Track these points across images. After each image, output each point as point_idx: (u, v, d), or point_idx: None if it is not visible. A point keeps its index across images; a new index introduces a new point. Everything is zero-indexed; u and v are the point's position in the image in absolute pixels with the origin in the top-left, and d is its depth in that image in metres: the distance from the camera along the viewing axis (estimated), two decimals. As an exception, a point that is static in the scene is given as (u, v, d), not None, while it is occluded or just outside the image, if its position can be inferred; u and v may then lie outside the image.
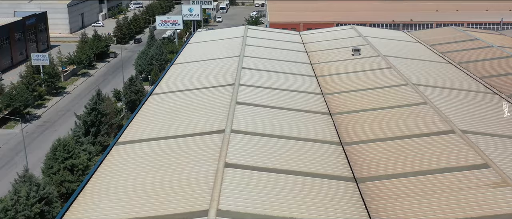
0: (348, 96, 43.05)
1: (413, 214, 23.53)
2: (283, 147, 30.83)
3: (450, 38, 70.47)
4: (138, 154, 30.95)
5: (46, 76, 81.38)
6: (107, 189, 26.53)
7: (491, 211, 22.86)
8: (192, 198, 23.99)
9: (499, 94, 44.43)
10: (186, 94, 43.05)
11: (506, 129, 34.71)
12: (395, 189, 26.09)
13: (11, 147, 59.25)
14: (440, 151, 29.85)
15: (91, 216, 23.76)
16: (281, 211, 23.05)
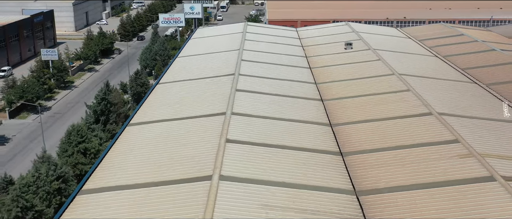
0: (338, 85, 46.38)
1: (389, 179, 26.89)
2: (278, 127, 34.14)
3: (439, 33, 73.77)
4: (148, 133, 34.27)
5: (55, 70, 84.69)
6: (121, 162, 29.85)
7: (455, 176, 26.21)
8: (198, 167, 27.30)
9: (478, 83, 47.74)
10: (190, 83, 46.38)
11: (480, 112, 38.03)
12: (375, 160, 29.46)
13: (25, 136, 62.51)
14: (417, 130, 33.20)
15: (108, 184, 27.05)
16: (275, 177, 26.37)
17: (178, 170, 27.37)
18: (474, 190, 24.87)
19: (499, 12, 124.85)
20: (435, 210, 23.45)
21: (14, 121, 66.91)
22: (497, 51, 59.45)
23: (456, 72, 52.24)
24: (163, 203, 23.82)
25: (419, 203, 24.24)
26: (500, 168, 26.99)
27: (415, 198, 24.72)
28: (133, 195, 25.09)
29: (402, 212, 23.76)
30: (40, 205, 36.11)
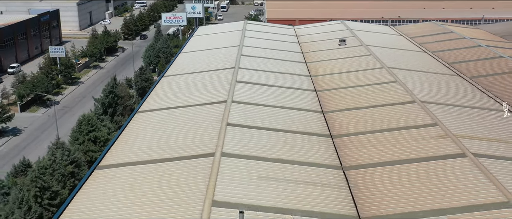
0: (331, 77, 49.38)
1: (372, 157, 29.91)
2: (274, 113, 37.12)
3: (429, 31, 76.75)
4: (156, 119, 37.25)
5: (63, 67, 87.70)
6: (133, 143, 32.83)
7: (431, 153, 29.22)
8: (202, 146, 30.29)
9: (462, 76, 50.72)
10: (194, 75, 49.36)
11: (460, 101, 40.99)
12: (361, 141, 32.47)
13: (36, 127, 65.43)
14: (401, 115, 36.22)
15: (122, 161, 30.03)
16: (269, 154, 29.37)
17: (185, 148, 30.35)
18: (446, 164, 27.86)
19: (490, 12, 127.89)
20: (410, 180, 26.47)
21: (25, 114, 69.91)
22: (483, 47, 62.46)
23: (442, 66, 55.22)
24: (173, 174, 26.82)
25: (396, 175, 27.26)
26: (472, 146, 29.97)
27: (393, 171, 27.73)
28: (145, 169, 28.09)
29: (381, 182, 26.76)
30: (56, 186, 39.13)
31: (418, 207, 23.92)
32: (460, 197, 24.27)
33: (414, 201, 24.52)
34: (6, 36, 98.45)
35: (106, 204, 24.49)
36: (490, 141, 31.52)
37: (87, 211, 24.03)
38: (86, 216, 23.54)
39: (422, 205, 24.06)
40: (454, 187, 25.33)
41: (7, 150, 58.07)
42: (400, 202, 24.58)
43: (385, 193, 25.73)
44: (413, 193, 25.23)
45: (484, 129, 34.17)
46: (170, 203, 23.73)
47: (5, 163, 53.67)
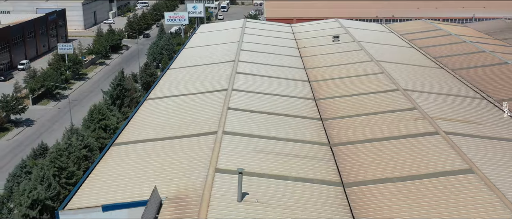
0: (324, 69, 52.93)
1: (357, 135, 33.50)
2: (270, 100, 40.66)
3: (419, 29, 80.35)
4: (163, 105, 40.81)
5: (71, 63, 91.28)
6: (144, 124, 36.35)
7: (407, 132, 32.81)
8: (205, 126, 33.84)
9: (445, 68, 54.32)
10: (197, 68, 52.92)
11: (440, 90, 44.55)
12: (348, 123, 36.03)
13: (48, 119, 68.91)
14: (385, 101, 39.79)
15: (136, 138, 33.57)
16: (266, 133, 32.92)
17: (191, 128, 33.93)
18: (421, 140, 31.45)
19: (482, 11, 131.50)
20: (388, 153, 30.06)
21: (36, 107, 73.45)
22: (467, 43, 66.06)
23: (427, 60, 58.80)
24: (182, 148, 30.42)
25: (376, 149, 30.84)
26: (445, 126, 33.54)
27: (374, 146, 31.32)
28: (157, 144, 31.67)
29: (362, 155, 30.36)
30: (72, 167, 42.64)
31: (392, 174, 27.52)
32: (430, 166, 27.87)
33: (390, 169, 28.11)
34: (16, 34, 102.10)
35: (125, 170, 28.11)
36: (461, 122, 35.12)
37: (110, 173, 27.67)
38: (109, 176, 27.20)
39: (397, 172, 27.66)
40: (425, 158, 28.92)
41: (22, 139, 61.71)
42: (377, 170, 28.18)
43: (365, 164, 29.32)
44: (390, 163, 28.83)
45: (458, 112, 37.77)
46: (181, 169, 27.34)
47: (20, 150, 57.30)
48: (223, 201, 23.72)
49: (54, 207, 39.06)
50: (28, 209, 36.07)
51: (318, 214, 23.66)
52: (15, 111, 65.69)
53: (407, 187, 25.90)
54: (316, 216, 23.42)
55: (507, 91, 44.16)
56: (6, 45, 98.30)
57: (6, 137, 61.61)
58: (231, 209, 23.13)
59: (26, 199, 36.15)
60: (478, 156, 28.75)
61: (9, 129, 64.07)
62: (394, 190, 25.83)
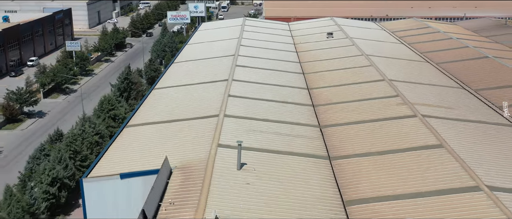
0: (317, 63, 56.50)
1: (342, 118, 37.08)
2: (267, 89, 44.20)
3: (409, 26, 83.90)
4: (170, 93, 44.36)
5: (78, 59, 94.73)
6: (152, 109, 39.91)
7: (389, 115, 36.38)
8: (209, 110, 37.38)
9: (431, 62, 57.88)
10: (199, 62, 56.48)
11: (424, 80, 48.11)
12: (337, 109, 39.57)
13: (58, 111, 72.37)
14: (371, 90, 43.32)
15: (147, 121, 37.12)
16: (262, 116, 36.49)
17: (195, 112, 37.49)
18: (400, 122, 35.01)
19: (473, 10, 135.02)
20: (368, 133, 33.65)
21: (47, 100, 76.93)
22: (454, 39, 69.61)
23: (415, 55, 62.37)
24: (188, 128, 33.98)
25: (360, 130, 34.40)
26: (423, 110, 37.10)
27: (358, 127, 34.88)
28: (164, 126, 35.26)
29: (347, 135, 33.94)
30: (85, 151, 46.11)
31: (373, 149, 31.09)
32: (405, 142, 31.45)
33: (371, 145, 31.68)
34: (25, 32, 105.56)
35: (137, 146, 31.72)
36: (438, 108, 38.71)
37: (125, 149, 31.29)
38: (124, 151, 30.82)
39: (376, 147, 31.23)
40: (403, 136, 32.51)
41: (35, 129, 65.28)
42: (359, 146, 31.76)
43: (349, 141, 32.89)
44: (371, 140, 32.40)
45: (437, 99, 41.34)
46: (187, 145, 30.92)
47: (34, 139, 60.86)
48: (224, 169, 27.30)
49: (71, 186, 42.62)
50: (49, 186, 39.53)
51: (306, 180, 27.23)
52: (28, 103, 69.18)
53: (384, 159, 29.49)
54: (305, 181, 27.00)
55: (483, 82, 47.75)
56: (16, 42, 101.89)
57: (20, 127, 65.19)
58: (231, 176, 26.70)
59: (47, 177, 39.62)
60: (448, 134, 32.33)
61: (22, 120, 67.60)
62: (373, 161, 29.41)
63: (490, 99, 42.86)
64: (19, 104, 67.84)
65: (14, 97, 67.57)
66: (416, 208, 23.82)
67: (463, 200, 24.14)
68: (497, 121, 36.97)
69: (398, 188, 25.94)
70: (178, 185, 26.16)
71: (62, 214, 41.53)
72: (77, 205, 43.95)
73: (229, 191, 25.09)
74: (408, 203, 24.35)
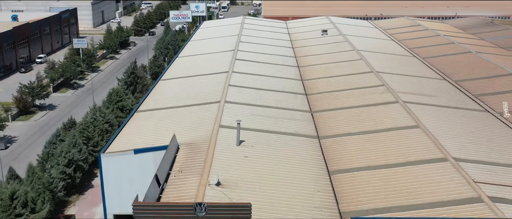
0: (311, 57, 60.03)
1: (331, 104, 40.65)
2: (264, 80, 47.71)
3: (401, 25, 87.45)
4: (176, 83, 47.87)
5: (85, 56, 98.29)
6: (160, 97, 43.43)
7: (373, 101, 39.98)
8: (211, 97, 40.89)
9: (417, 57, 61.40)
10: (202, 56, 59.98)
11: (409, 72, 51.68)
12: (327, 97, 43.14)
13: (67, 104, 75.94)
14: (359, 81, 46.86)
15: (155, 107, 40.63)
16: (259, 103, 40.04)
17: (199, 99, 41.03)
18: (383, 107, 38.55)
19: (464, 10, 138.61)
20: (354, 116, 37.22)
21: (57, 94, 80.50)
22: (441, 36, 73.17)
23: (403, 50, 65.92)
24: (193, 112, 37.55)
25: (346, 114, 37.97)
26: (404, 97, 40.60)
27: (345, 112, 38.44)
28: (170, 111, 38.81)
29: (335, 118, 37.51)
30: (97, 137, 49.64)
31: (356, 129, 34.67)
32: (386, 123, 34.98)
33: (354, 126, 35.22)
34: (33, 30, 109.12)
35: (148, 127, 35.31)
36: (419, 95, 42.28)
37: (137, 130, 34.90)
38: (136, 131, 34.41)
39: (360, 128, 34.78)
40: (384, 118, 36.05)
41: (47, 120, 68.83)
42: (345, 127, 35.31)
43: (336, 123, 36.44)
44: (355, 122, 35.95)
45: (419, 89, 44.93)
46: (192, 126, 34.48)
47: (47, 128, 64.40)
48: (225, 145, 30.87)
49: (84, 168, 46.23)
50: (65, 167, 43.03)
51: (297, 155, 30.79)
52: (40, 96, 72.76)
53: (366, 137, 33.05)
54: (296, 156, 30.57)
55: (463, 74, 51.31)
56: (26, 40, 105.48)
57: (33, 118, 68.76)
58: (231, 150, 30.26)
59: (63, 159, 43.11)
60: (425, 117, 35.90)
61: (35, 112, 71.16)
62: (356, 139, 32.99)
63: (468, 89, 46.40)
64: (31, 97, 71.42)
65: (27, 91, 71.13)
66: (389, 175, 27.40)
67: (431, 169, 27.69)
68: (471, 107, 40.55)
69: (375, 160, 29.51)
70: (185, 157, 29.73)
71: (77, 194, 45.14)
72: (90, 186, 47.55)
73: (229, 162, 28.65)
74: (382, 172, 27.92)
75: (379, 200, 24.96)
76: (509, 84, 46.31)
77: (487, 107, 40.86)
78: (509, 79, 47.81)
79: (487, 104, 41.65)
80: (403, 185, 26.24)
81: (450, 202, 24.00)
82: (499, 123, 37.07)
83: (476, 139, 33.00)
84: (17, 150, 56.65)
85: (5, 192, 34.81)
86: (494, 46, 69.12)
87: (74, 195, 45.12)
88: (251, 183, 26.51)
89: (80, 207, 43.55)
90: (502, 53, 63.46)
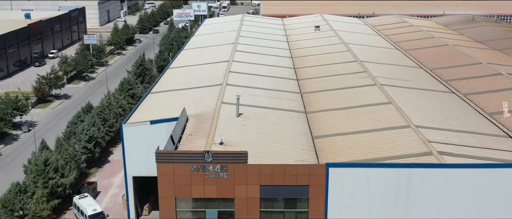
0: (304, 50, 65.50)
1: (318, 87, 46.23)
2: (261, 68, 53.26)
3: (389, 22, 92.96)
4: (183, 71, 53.40)
5: (95, 51, 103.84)
6: (169, 81, 49.00)
7: (354, 84, 45.55)
8: (214, 81, 46.42)
9: (400, 50, 66.96)
10: (205, 48, 65.51)
11: (388, 61, 57.23)
12: (315, 82, 48.71)
13: (81, 94, 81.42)
14: (344, 68, 52.37)
15: (165, 89, 46.19)
16: (257, 86, 45.60)
17: (203, 82, 46.60)
18: (363, 89, 44.12)
19: (453, 9, 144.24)
20: (336, 96, 42.79)
21: (70, 85, 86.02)
22: (423, 31, 78.71)
23: (388, 44, 71.50)
24: (197, 93, 43.12)
25: (331, 94, 43.56)
26: (382, 81, 46.14)
27: (330, 93, 44.01)
28: (179, 92, 44.37)
29: (321, 98, 43.03)
30: (112, 119, 55.28)
31: (336, 106, 40.24)
32: (364, 101, 40.53)
33: (337, 104, 40.78)
34: (46, 28, 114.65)
35: (161, 104, 40.87)
36: (395, 80, 47.83)
37: (151, 106, 40.49)
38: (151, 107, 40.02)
39: (342, 105, 40.36)
40: (362, 97, 41.63)
41: (63, 108, 74.18)
42: (328, 104, 40.86)
43: (321, 102, 41.98)
44: (338, 101, 41.44)
45: (396, 75, 50.46)
46: (198, 102, 40.05)
47: (64, 115, 69.75)
48: (226, 116, 36.43)
49: (102, 145, 51.79)
50: (86, 143, 48.51)
51: (288, 124, 36.36)
52: (56, 86, 78.25)
53: (345, 112, 38.61)
54: (287, 124, 36.14)
55: (438, 63, 56.81)
56: (39, 37, 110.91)
57: (51, 106, 74.12)
58: (232, 120, 35.83)
59: (84, 136, 48.56)
60: (397, 96, 41.43)
61: (51, 101, 76.63)
62: (337, 113, 38.52)
63: (440, 75, 51.92)
64: (49, 87, 76.87)
65: (45, 81, 76.61)
66: (361, 139, 32.98)
67: (396, 133, 33.26)
68: (439, 89, 46.13)
69: (351, 128, 35.08)
70: (193, 126, 35.30)
71: (96, 167, 50.66)
72: (107, 161, 52.96)
73: (230, 128, 34.19)
74: (356, 136, 33.48)
75: (351, 155, 30.54)
76: (477, 72, 51.81)
77: (454, 89, 46.45)
78: (477, 68, 53.36)
79: (455, 88, 47.20)
80: (371, 145, 31.82)
81: (407, 155, 29.59)
82: (461, 101, 42.68)
83: (438, 112, 38.54)
84: (39, 133, 62.02)
85: (39, 159, 40.39)
86: (471, 40, 74.64)
87: (93, 168, 50.59)
88: (248, 142, 32.04)
89: (100, 177, 49.02)
90: (477, 47, 69.01)
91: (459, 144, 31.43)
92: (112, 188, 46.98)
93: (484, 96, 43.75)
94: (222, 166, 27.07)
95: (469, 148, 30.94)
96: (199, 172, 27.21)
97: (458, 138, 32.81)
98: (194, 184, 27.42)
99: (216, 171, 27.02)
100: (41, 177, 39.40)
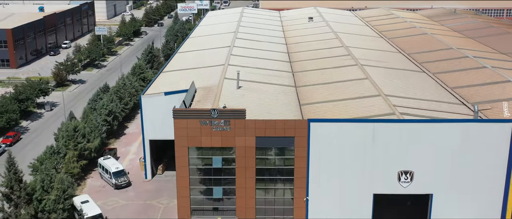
0: (298, 38, 71.79)
1: (307, 67, 52.57)
2: (259, 52, 59.62)
3: (377, 14, 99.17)
4: (190, 55, 59.75)
5: (105, 41, 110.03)
6: (178, 62, 55.32)
7: (338, 65, 51.88)
8: (217, 61, 52.84)
9: (384, 38, 73.25)
10: (209, 36, 71.82)
11: (372, 47, 63.56)
12: (306, 63, 55.06)
13: (94, 80, 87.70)
14: (332, 52, 58.61)
15: (176, 68, 52.51)
16: (255, 66, 51.93)
17: (208, 63, 52.99)
18: (345, 68, 50.50)
19: (442, 3, 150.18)
20: (324, 74, 49.18)
21: (84, 72, 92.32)
22: (407, 22, 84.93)
23: (373, 33, 77.73)
24: (203, 71, 49.51)
25: (318, 73, 49.88)
26: (363, 62, 52.45)
27: (317, 72, 50.38)
28: (188, 70, 50.76)
29: (309, 76, 49.39)
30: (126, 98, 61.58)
31: (321, 81, 46.65)
32: (345, 77, 46.95)
33: (323, 79, 47.17)
34: (60, 20, 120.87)
35: (172, 79, 47.25)
36: (375, 61, 54.15)
37: (164, 81, 46.89)
38: (164, 82, 46.41)
39: (327, 80, 46.75)
40: (344, 74, 48.04)
41: (79, 91, 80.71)
42: (315, 80, 47.28)
43: (309, 78, 48.35)
44: (323, 77, 47.88)
45: (377, 57, 56.79)
46: (204, 78, 46.45)
47: (81, 97, 76.24)
48: (228, 89, 42.81)
49: (119, 118, 58.35)
50: (106, 116, 54.82)
51: (280, 95, 42.76)
52: (73, 72, 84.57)
53: (329, 86, 44.98)
54: (278, 94, 42.54)
55: (415, 49, 63.10)
56: (53, 28, 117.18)
57: (68, 90, 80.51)
58: (233, 91, 42.23)
59: (105, 110, 54.90)
60: (374, 73, 47.75)
61: (69, 85, 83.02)
62: (322, 87, 44.86)
63: (416, 58, 58.18)
64: (66, 72, 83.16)
65: (62, 67, 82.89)
66: (340, 105, 39.39)
67: (369, 100, 39.63)
68: (412, 69, 52.47)
69: (332, 97, 41.48)
70: (201, 96, 41.69)
71: (114, 138, 57.06)
72: (123, 134, 59.27)
73: (231, 97, 40.54)
74: (336, 103, 39.86)
75: (330, 116, 36.97)
76: (447, 55, 58.06)
77: (425, 70, 52.80)
78: (448, 52, 59.63)
79: (426, 68, 53.53)
80: (347, 109, 38.19)
81: (375, 116, 35.97)
82: (429, 78, 49.04)
83: (406, 86, 44.92)
84: (59, 112, 68.30)
85: (70, 126, 46.71)
86: (449, 30, 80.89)
87: (112, 139, 56.94)
88: (247, 107, 38.48)
89: (118, 145, 55.39)
90: (454, 35, 75.24)
91: (418, 107, 37.84)
92: (129, 154, 53.47)
93: (450, 75, 50.08)
94: (225, 121, 33.49)
95: (426, 111, 37.37)
96: (207, 126, 33.64)
97: (419, 104, 39.21)
98: (203, 135, 33.87)
99: (220, 125, 33.42)
100: (72, 141, 45.82)
